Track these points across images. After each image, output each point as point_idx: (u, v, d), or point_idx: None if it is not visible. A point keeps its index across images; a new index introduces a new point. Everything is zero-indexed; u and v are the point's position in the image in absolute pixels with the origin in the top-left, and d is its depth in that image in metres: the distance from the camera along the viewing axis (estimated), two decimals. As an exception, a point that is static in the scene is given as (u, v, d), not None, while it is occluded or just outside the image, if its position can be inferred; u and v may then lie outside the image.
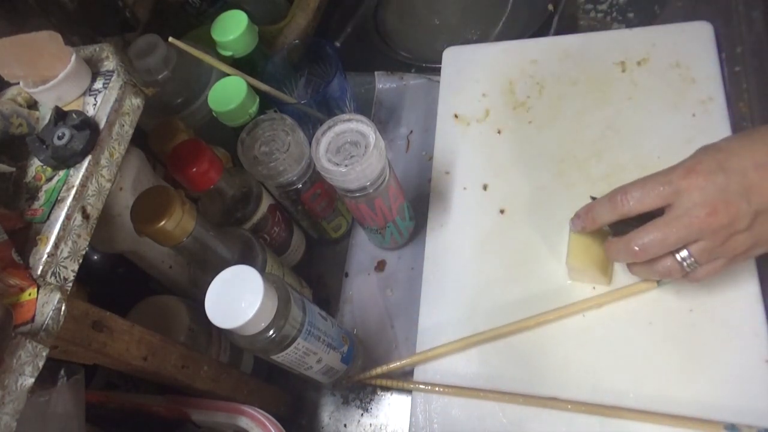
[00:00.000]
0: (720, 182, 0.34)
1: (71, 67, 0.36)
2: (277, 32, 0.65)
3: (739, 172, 0.34)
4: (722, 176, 0.34)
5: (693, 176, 0.35)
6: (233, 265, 0.37)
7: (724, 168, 0.34)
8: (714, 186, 0.34)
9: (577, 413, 0.41)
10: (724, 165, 0.34)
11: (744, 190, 0.34)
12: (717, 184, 0.34)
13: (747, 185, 0.34)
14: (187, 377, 0.38)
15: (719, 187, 0.34)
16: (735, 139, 0.36)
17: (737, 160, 0.34)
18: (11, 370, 0.26)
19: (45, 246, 0.30)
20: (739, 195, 0.34)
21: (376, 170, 0.43)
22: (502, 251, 0.49)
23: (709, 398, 0.39)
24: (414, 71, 0.67)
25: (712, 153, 0.35)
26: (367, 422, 0.50)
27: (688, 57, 0.52)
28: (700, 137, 0.49)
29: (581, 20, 0.64)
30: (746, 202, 0.34)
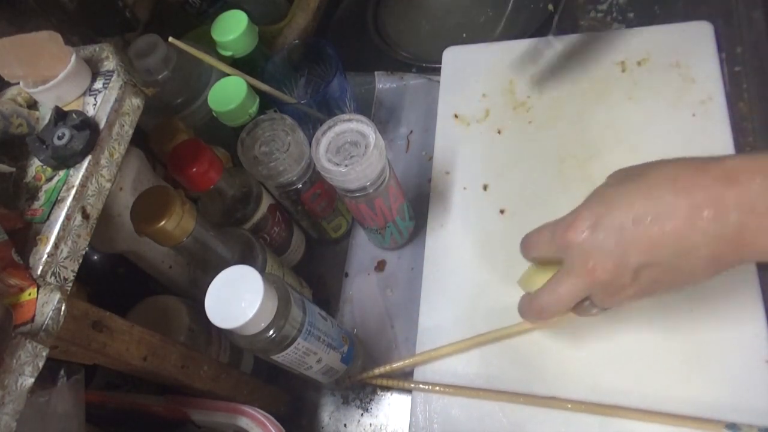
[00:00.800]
0: (598, 240, 0.33)
1: (71, 67, 0.36)
2: (277, 32, 0.66)
3: (616, 229, 0.33)
4: (600, 234, 0.33)
5: (572, 233, 0.34)
6: (233, 265, 0.37)
7: (601, 224, 0.33)
8: (591, 243, 0.34)
9: (577, 413, 0.41)
10: (602, 221, 0.33)
11: (622, 247, 0.33)
12: (595, 241, 0.33)
13: (624, 242, 0.33)
14: (187, 377, 0.38)
15: (597, 245, 0.33)
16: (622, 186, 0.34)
17: (616, 215, 0.33)
18: (11, 370, 0.26)
19: (45, 246, 0.30)
20: (617, 252, 0.33)
21: (376, 170, 0.43)
22: (502, 251, 0.49)
23: (709, 398, 0.39)
24: (414, 71, 0.67)
25: (594, 205, 0.35)
26: (367, 422, 0.50)
27: (688, 57, 0.52)
28: (700, 137, 0.49)
29: (581, 20, 0.64)
30: (625, 260, 0.33)
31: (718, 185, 0.31)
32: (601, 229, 0.33)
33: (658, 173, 0.33)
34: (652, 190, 0.32)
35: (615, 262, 0.33)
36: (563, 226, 0.35)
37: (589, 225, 0.34)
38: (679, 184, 0.32)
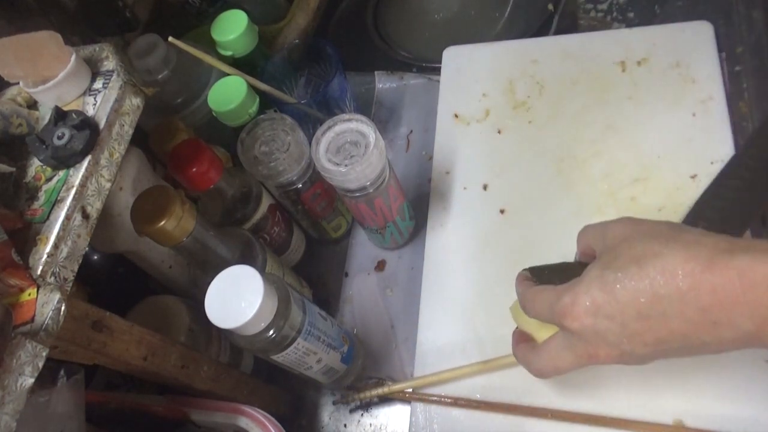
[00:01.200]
0: (598, 329, 0.31)
1: (71, 67, 0.36)
2: (277, 32, 0.65)
3: (618, 322, 0.31)
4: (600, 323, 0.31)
5: (569, 320, 0.32)
6: (233, 265, 0.37)
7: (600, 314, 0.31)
8: (592, 333, 0.32)
9: (575, 423, 0.41)
10: (601, 311, 0.31)
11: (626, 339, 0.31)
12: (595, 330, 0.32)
13: (628, 334, 0.31)
14: (187, 377, 0.38)
15: (597, 333, 0.32)
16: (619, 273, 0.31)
17: (617, 307, 0.31)
18: (11, 370, 0.26)
19: (45, 246, 0.30)
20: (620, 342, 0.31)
21: (376, 170, 0.43)
22: (502, 251, 0.49)
23: (707, 401, 0.39)
24: (414, 71, 0.67)
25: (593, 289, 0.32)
26: (367, 422, 0.50)
27: (688, 57, 0.52)
28: (700, 137, 0.49)
29: (581, 20, 0.64)
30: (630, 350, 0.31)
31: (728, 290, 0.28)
32: (602, 319, 0.31)
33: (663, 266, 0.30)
34: (654, 286, 0.30)
35: (620, 351, 0.32)
36: (560, 307, 0.33)
37: (587, 313, 0.31)
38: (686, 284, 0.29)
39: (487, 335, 0.46)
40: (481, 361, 0.44)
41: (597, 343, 0.32)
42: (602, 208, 0.48)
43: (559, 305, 0.33)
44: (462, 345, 0.46)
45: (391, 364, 0.51)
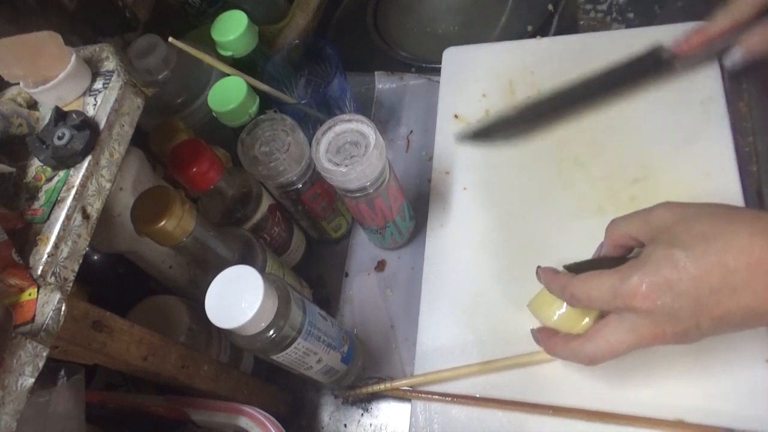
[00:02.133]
0: (671, 307, 0.32)
1: (71, 67, 0.36)
2: (277, 32, 0.66)
3: (692, 298, 0.32)
4: (671, 300, 0.32)
5: (639, 300, 0.32)
6: (233, 265, 0.37)
7: (674, 292, 0.32)
8: (663, 311, 0.32)
9: (576, 419, 0.41)
10: (675, 289, 0.32)
11: (695, 315, 0.32)
12: (666, 308, 0.32)
13: (699, 311, 0.32)
14: (187, 377, 0.38)
15: (669, 312, 0.32)
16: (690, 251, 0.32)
17: (691, 283, 0.31)
18: (11, 370, 0.26)
19: (45, 246, 0.30)
20: (690, 319, 0.32)
21: (376, 170, 0.43)
22: (502, 251, 0.49)
23: (708, 399, 0.39)
24: (414, 71, 0.67)
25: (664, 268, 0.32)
26: (367, 422, 0.50)
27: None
28: (699, 137, 0.49)
29: (581, 20, 0.64)
30: (696, 325, 0.32)
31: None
32: (674, 296, 0.32)
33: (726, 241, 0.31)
34: (725, 261, 0.31)
35: (687, 328, 0.32)
36: (628, 289, 0.33)
37: (660, 292, 0.32)
38: (754, 258, 0.30)
39: (487, 335, 0.46)
40: (482, 362, 0.44)
41: (667, 321, 0.32)
42: (602, 208, 0.48)
43: (625, 286, 0.33)
44: (462, 345, 0.46)
45: (391, 364, 0.51)
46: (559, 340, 0.38)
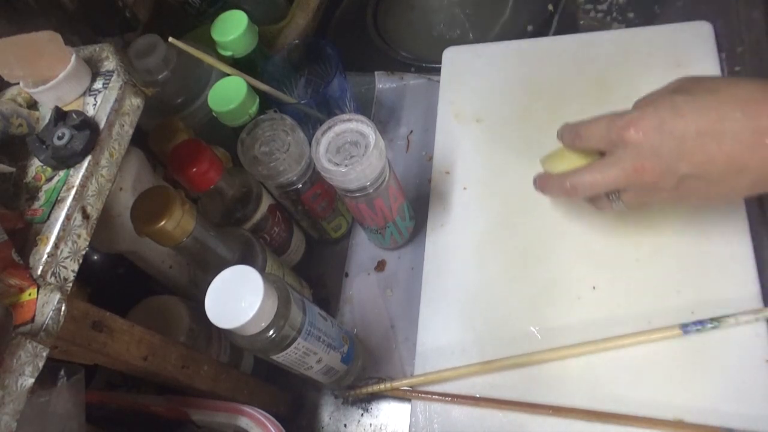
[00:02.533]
0: (655, 143, 0.34)
1: (71, 67, 0.36)
2: (277, 32, 0.65)
3: (676, 137, 0.34)
4: (659, 137, 0.34)
5: (632, 131, 0.35)
6: (233, 265, 0.37)
7: (663, 129, 0.34)
8: (648, 145, 0.35)
9: (575, 419, 0.41)
10: (665, 126, 0.34)
11: (676, 155, 0.34)
12: (651, 144, 0.35)
13: (681, 152, 0.34)
14: (187, 377, 0.38)
15: (652, 147, 0.35)
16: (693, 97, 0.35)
17: (681, 123, 0.34)
18: (11, 370, 0.26)
19: (45, 246, 0.30)
20: (670, 159, 0.34)
21: (376, 170, 0.43)
22: (502, 251, 0.49)
23: (708, 399, 0.39)
24: (414, 71, 0.67)
25: (661, 108, 0.35)
26: (367, 422, 0.50)
27: (688, 57, 0.52)
28: (700, 137, 0.49)
29: (581, 20, 0.64)
30: (674, 167, 0.34)
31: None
32: (662, 133, 0.34)
33: (730, 92, 0.34)
34: (721, 108, 0.33)
35: (665, 167, 0.34)
36: (624, 121, 0.36)
37: (651, 126, 0.34)
38: (749, 108, 0.32)
39: (487, 335, 0.46)
40: (482, 362, 0.44)
41: (648, 156, 0.35)
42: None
43: (622, 119, 0.36)
44: (462, 345, 0.46)
45: (391, 364, 0.51)
46: (552, 177, 0.42)
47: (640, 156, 0.35)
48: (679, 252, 0.44)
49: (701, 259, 0.43)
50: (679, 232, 0.45)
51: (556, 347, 0.43)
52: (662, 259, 0.44)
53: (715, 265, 0.43)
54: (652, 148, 0.35)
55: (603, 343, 0.42)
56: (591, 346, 0.43)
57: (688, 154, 0.34)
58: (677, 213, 0.46)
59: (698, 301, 0.42)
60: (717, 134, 0.33)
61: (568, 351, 0.43)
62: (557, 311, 0.45)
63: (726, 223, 0.44)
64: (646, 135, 0.35)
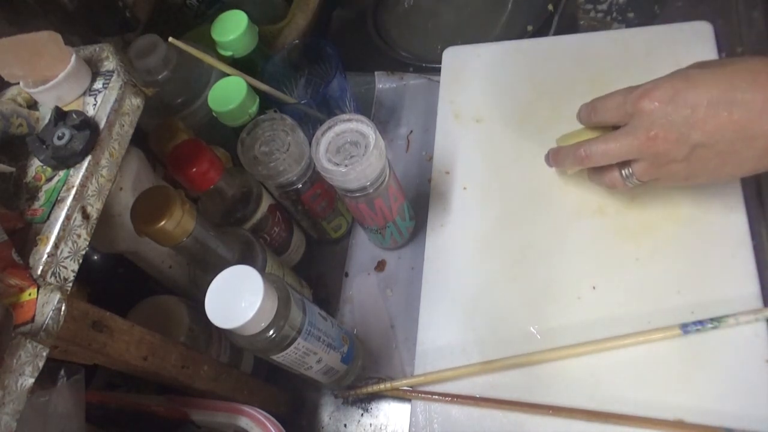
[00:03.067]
0: (668, 112, 0.36)
1: (71, 67, 0.36)
2: (277, 32, 0.65)
3: (689, 106, 0.35)
4: (672, 107, 0.36)
5: (646, 101, 0.37)
6: (233, 265, 0.37)
7: (677, 99, 0.35)
8: (661, 114, 0.36)
9: (575, 419, 0.41)
10: (679, 96, 0.35)
11: (689, 124, 0.35)
12: (665, 113, 0.36)
13: (693, 120, 0.35)
14: (187, 377, 0.38)
15: (666, 116, 0.36)
16: (706, 69, 0.36)
17: (694, 93, 0.35)
18: (11, 370, 0.26)
19: (45, 246, 0.30)
20: (682, 128, 0.35)
21: (376, 170, 0.43)
22: (503, 251, 0.49)
23: (708, 400, 0.39)
24: (414, 71, 0.67)
25: (675, 80, 0.36)
26: (367, 422, 0.50)
27: (688, 57, 0.52)
28: (700, 137, 0.49)
29: (581, 20, 0.64)
30: (686, 136, 0.35)
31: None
32: (675, 103, 0.35)
33: (743, 65, 0.35)
34: (733, 78, 0.34)
35: (677, 136, 0.36)
36: (639, 92, 0.37)
37: (665, 96, 0.36)
38: (761, 78, 0.34)
39: (487, 335, 0.46)
40: (482, 362, 0.44)
41: (661, 125, 0.36)
42: (602, 208, 0.48)
43: (637, 91, 0.38)
44: (462, 345, 0.46)
45: (391, 364, 0.51)
46: (565, 147, 0.43)
47: (654, 125, 0.36)
48: (679, 252, 0.44)
49: (701, 259, 0.43)
50: (679, 232, 0.45)
51: (556, 347, 0.43)
52: (662, 259, 0.44)
53: (715, 265, 0.43)
54: (665, 117, 0.36)
55: (603, 343, 0.42)
56: (591, 346, 0.43)
57: (700, 123, 0.35)
58: (678, 212, 0.46)
59: (698, 301, 0.42)
60: (728, 103, 0.34)
61: (568, 351, 0.43)
62: (557, 311, 0.45)
63: (726, 223, 0.44)
64: (660, 104, 0.36)
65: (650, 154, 0.38)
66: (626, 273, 0.45)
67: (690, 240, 0.44)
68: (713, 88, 0.35)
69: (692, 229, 0.45)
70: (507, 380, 0.44)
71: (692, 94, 0.35)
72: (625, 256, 0.45)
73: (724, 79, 0.35)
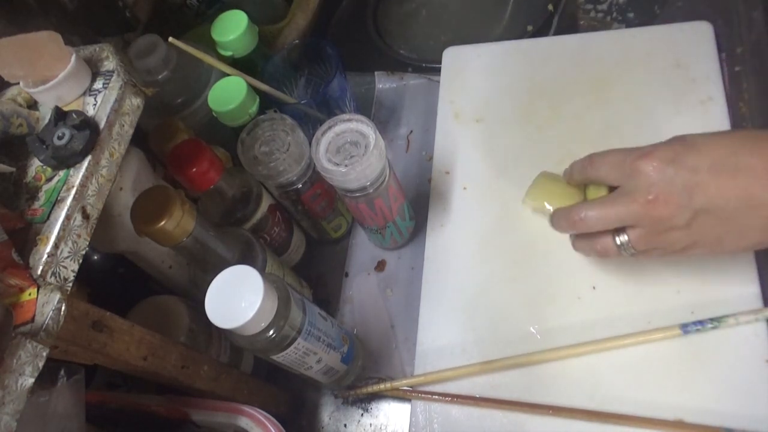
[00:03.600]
0: (668, 174, 0.34)
1: (71, 67, 0.36)
2: (277, 32, 0.65)
3: (690, 169, 0.34)
4: (672, 169, 0.34)
5: (645, 162, 0.35)
6: (233, 265, 0.37)
7: (677, 161, 0.34)
8: (661, 176, 0.34)
9: (575, 419, 0.41)
10: (679, 159, 0.34)
11: (689, 187, 0.34)
12: (665, 175, 0.34)
13: (694, 183, 0.34)
14: (187, 377, 0.38)
15: (666, 179, 0.34)
16: (708, 136, 0.35)
17: (694, 156, 0.34)
18: (11, 370, 0.26)
19: (45, 246, 0.30)
20: (683, 191, 0.34)
21: (376, 170, 0.43)
22: (502, 251, 0.49)
23: (708, 400, 0.39)
24: (414, 71, 0.67)
25: (675, 144, 0.35)
26: (367, 422, 0.50)
27: (688, 57, 0.52)
28: (700, 137, 0.49)
29: (581, 20, 0.64)
30: (687, 200, 0.34)
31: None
32: (676, 165, 0.34)
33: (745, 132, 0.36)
34: (734, 144, 0.34)
35: (678, 200, 0.34)
36: (638, 153, 0.36)
37: (665, 158, 0.35)
38: (763, 145, 0.33)
39: (487, 335, 0.46)
40: (482, 362, 0.44)
41: (661, 188, 0.34)
42: (602, 208, 0.48)
43: (636, 152, 0.36)
44: (462, 345, 0.46)
45: (391, 364, 0.51)
46: (559, 210, 0.41)
47: (654, 187, 0.35)
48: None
49: (701, 259, 0.43)
50: (679, 232, 0.45)
51: (556, 347, 0.43)
52: (662, 259, 0.44)
53: (715, 265, 0.43)
54: (665, 179, 0.34)
55: (603, 343, 0.42)
56: (591, 346, 0.43)
57: (702, 187, 0.33)
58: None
59: (698, 301, 0.42)
60: (731, 168, 0.33)
61: (568, 351, 0.43)
62: (557, 311, 0.45)
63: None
64: (660, 166, 0.34)
65: (649, 219, 0.35)
66: (626, 273, 0.45)
67: (690, 240, 0.44)
68: (714, 152, 0.34)
69: (692, 229, 0.45)
70: (507, 380, 0.44)
71: (693, 157, 0.34)
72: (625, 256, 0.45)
73: (725, 144, 0.34)
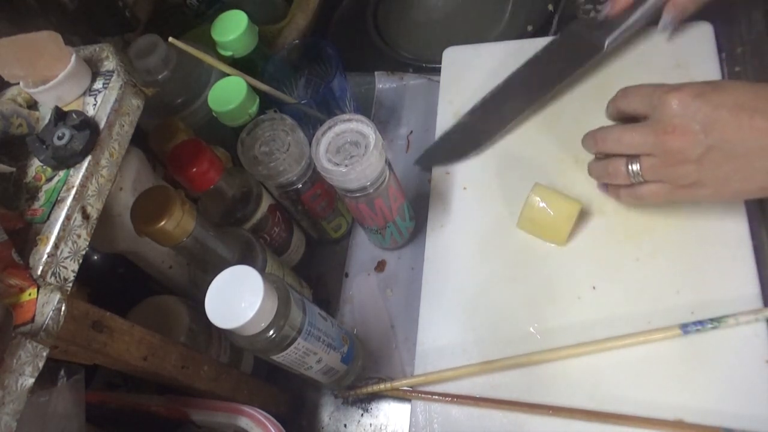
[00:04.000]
0: (691, 109, 0.36)
1: (71, 67, 0.36)
2: (277, 32, 0.66)
3: (713, 106, 0.36)
4: (696, 104, 0.36)
5: (672, 95, 0.37)
6: (233, 265, 0.37)
7: (702, 97, 0.36)
8: (684, 110, 0.36)
9: (575, 419, 0.41)
10: (705, 95, 0.36)
11: (708, 122, 0.36)
12: (688, 109, 0.36)
13: (713, 119, 0.36)
14: (187, 377, 0.38)
15: (689, 113, 0.36)
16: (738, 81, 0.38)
17: (720, 95, 0.36)
18: (11, 370, 0.26)
19: (45, 246, 0.30)
20: (701, 126, 0.36)
21: (376, 170, 0.43)
22: (502, 251, 0.49)
23: (707, 400, 0.39)
24: (414, 71, 0.67)
25: (705, 84, 0.37)
26: (367, 422, 0.50)
27: (688, 57, 0.52)
28: (700, 137, 0.49)
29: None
30: (704, 135, 0.36)
31: None
32: (700, 101, 0.36)
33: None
34: (760, 90, 0.35)
35: (694, 134, 0.36)
36: (668, 87, 0.38)
37: (692, 93, 0.36)
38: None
39: (487, 335, 0.46)
40: (482, 362, 0.44)
41: (681, 120, 0.37)
42: (602, 208, 0.48)
43: (667, 86, 0.38)
44: (462, 345, 0.46)
45: (391, 364, 0.51)
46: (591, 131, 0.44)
47: (674, 118, 0.37)
48: (679, 252, 0.44)
49: (701, 259, 0.44)
50: (679, 232, 0.45)
51: (556, 347, 0.43)
52: (662, 259, 0.44)
53: (715, 265, 0.43)
54: (688, 113, 0.36)
55: (603, 343, 0.42)
56: (591, 346, 0.43)
57: (720, 123, 0.35)
58: (677, 213, 0.46)
59: (698, 301, 0.42)
60: (752, 109, 0.35)
61: (568, 351, 0.43)
62: (557, 311, 0.45)
63: (726, 223, 0.44)
64: (686, 100, 0.36)
65: (663, 149, 0.38)
66: (626, 273, 0.45)
67: (690, 240, 0.44)
68: (740, 95, 0.36)
69: (692, 229, 0.45)
70: (507, 380, 0.44)
71: (718, 96, 0.36)
72: (625, 256, 0.45)
73: (752, 89, 0.36)
